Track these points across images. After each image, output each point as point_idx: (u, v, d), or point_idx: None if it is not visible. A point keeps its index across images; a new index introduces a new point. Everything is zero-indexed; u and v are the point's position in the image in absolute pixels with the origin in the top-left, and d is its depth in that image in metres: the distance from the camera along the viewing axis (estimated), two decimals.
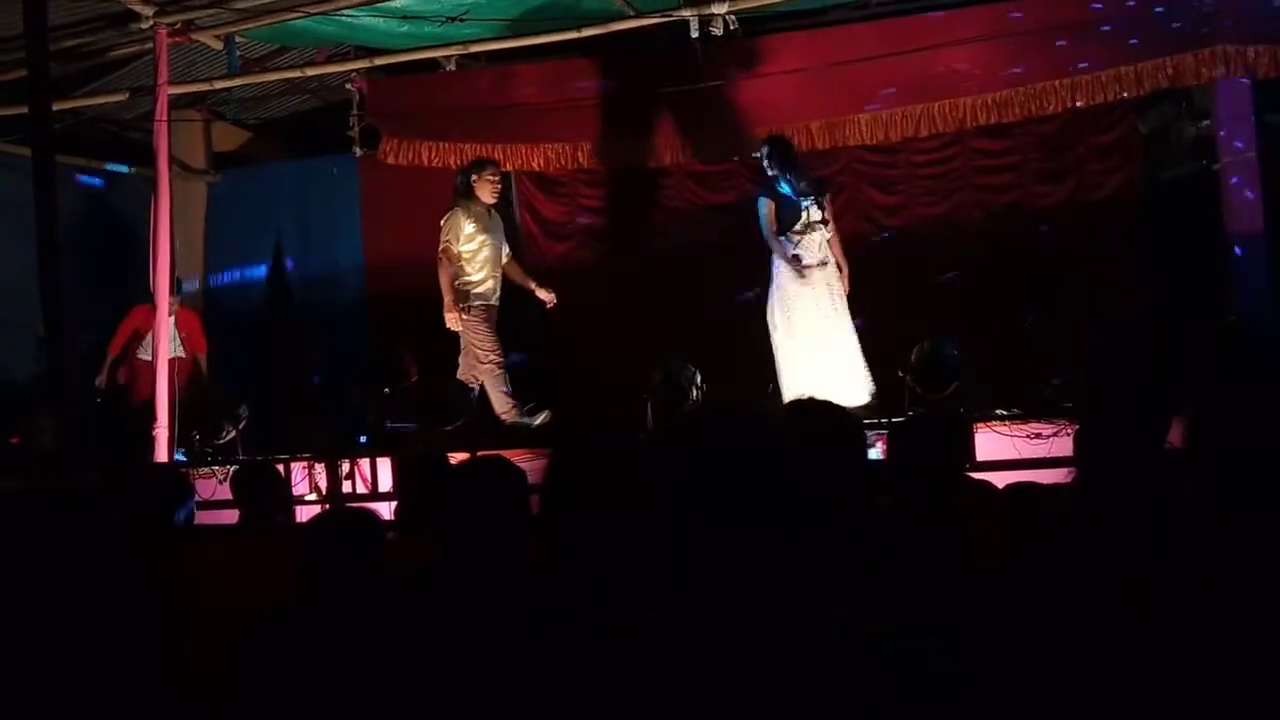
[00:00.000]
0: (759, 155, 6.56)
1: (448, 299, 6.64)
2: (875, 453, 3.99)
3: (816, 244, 6.31)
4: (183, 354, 7.94)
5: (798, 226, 6.28)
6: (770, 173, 6.39)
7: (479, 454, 2.09)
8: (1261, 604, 1.27)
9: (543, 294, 6.92)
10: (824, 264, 6.33)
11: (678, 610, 1.16)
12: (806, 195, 6.29)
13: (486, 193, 6.76)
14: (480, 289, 6.75)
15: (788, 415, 2.24)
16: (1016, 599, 1.71)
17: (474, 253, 6.72)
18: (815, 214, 6.27)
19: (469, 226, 6.70)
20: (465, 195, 6.76)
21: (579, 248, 8.78)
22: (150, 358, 7.42)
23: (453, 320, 6.66)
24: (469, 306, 6.68)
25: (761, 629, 1.14)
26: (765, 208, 6.32)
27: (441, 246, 6.69)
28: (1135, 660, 1.27)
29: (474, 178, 6.77)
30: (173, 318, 7.77)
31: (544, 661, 1.23)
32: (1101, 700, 1.29)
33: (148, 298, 7.51)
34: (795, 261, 6.27)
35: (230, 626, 2.86)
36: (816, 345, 6.28)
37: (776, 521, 1.17)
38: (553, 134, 8.04)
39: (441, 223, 6.75)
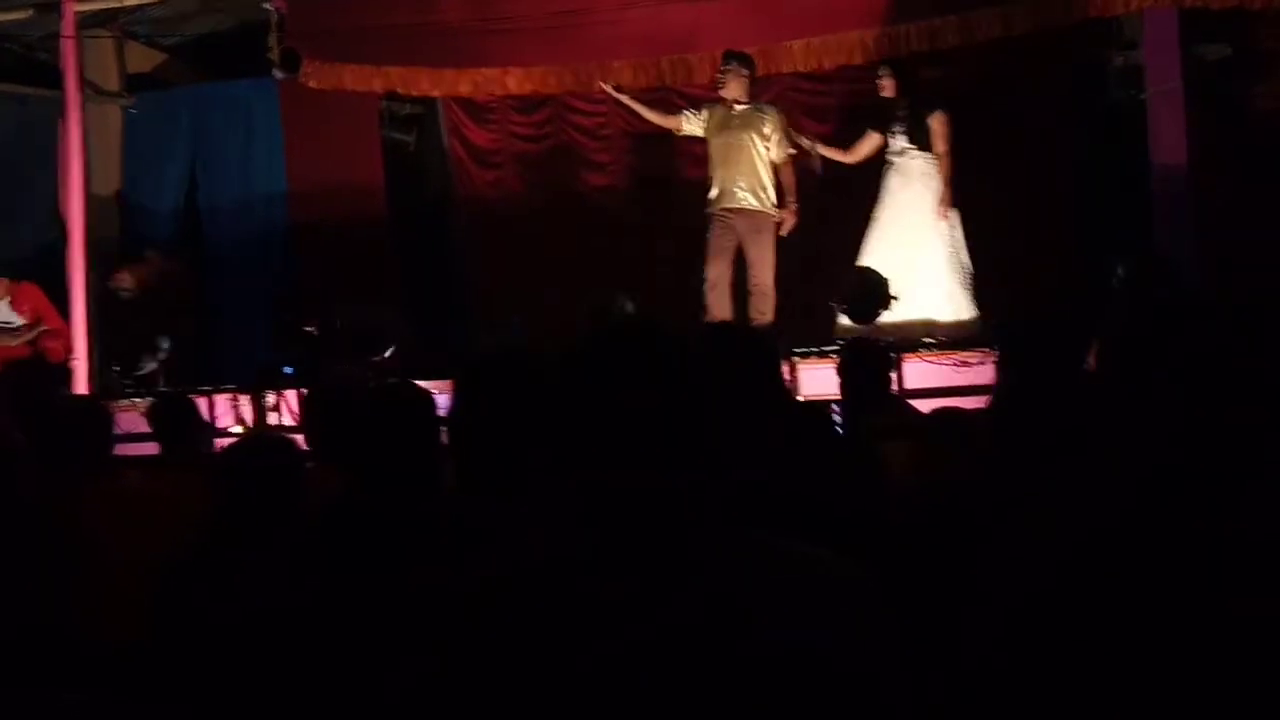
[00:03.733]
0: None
1: None
2: None
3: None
4: (27, 334, 7.16)
5: None
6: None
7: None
8: (1157, 533, 1.27)
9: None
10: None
11: (580, 527, 1.15)
12: None
13: (731, 88, 6.52)
14: (710, 194, 6.55)
15: (704, 335, 2.23)
16: (926, 521, 1.73)
17: (711, 155, 6.58)
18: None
19: (697, 125, 6.62)
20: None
21: (510, 176, 8.64)
22: None
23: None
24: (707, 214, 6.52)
25: (663, 541, 1.13)
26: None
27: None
28: (1031, 594, 1.27)
29: (720, 74, 6.58)
30: (7, 299, 7.16)
31: (447, 593, 1.22)
32: (996, 633, 1.29)
33: None
34: None
35: (149, 559, 2.81)
36: None
37: (679, 433, 1.17)
38: (480, 58, 7.83)
39: None
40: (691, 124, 6.74)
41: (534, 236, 8.32)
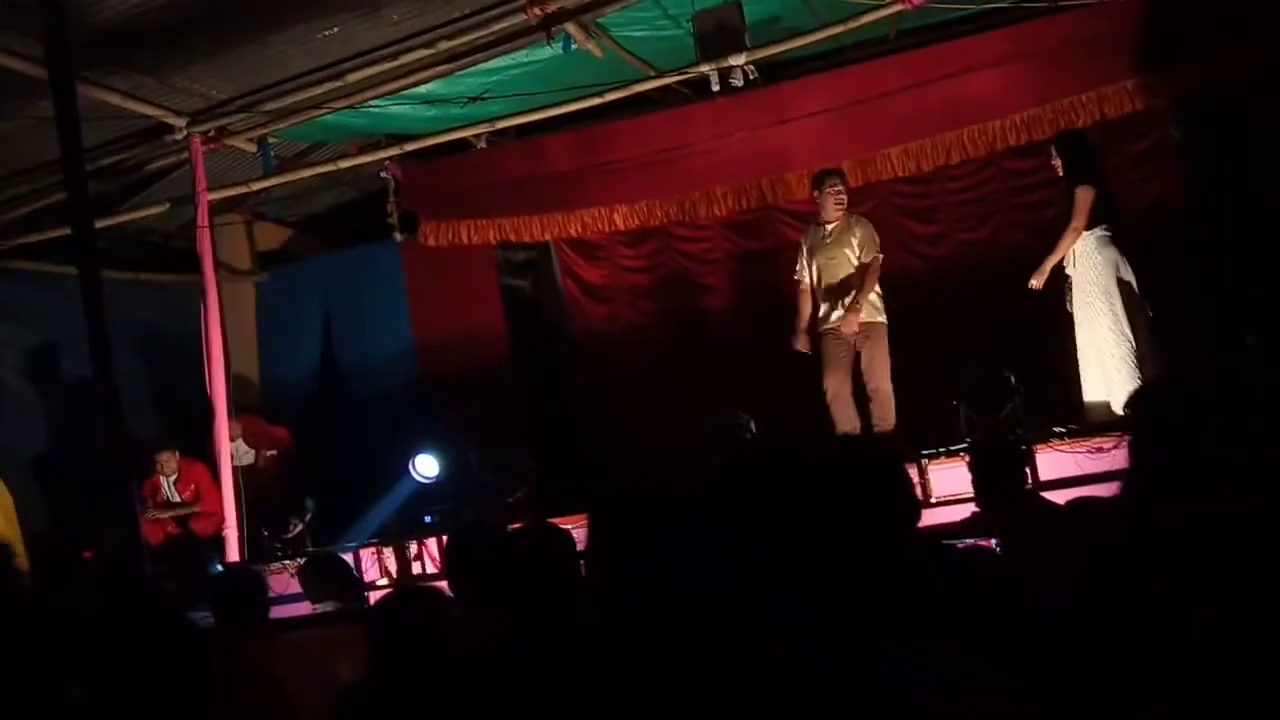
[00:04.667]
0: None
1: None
2: None
3: None
4: (181, 511, 7.78)
5: None
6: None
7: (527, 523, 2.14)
8: None
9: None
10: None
11: (728, 644, 1.18)
12: None
13: (826, 208, 6.67)
14: (819, 312, 6.66)
15: (837, 455, 2.24)
16: (1063, 626, 1.67)
17: (814, 278, 6.71)
18: None
19: (804, 251, 6.75)
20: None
21: (623, 308, 8.86)
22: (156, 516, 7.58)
23: (801, 343, 6.62)
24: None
25: (812, 656, 1.15)
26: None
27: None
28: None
29: (815, 195, 6.75)
30: (174, 476, 7.77)
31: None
32: None
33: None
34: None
35: (310, 710, 2.91)
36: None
37: (822, 554, 1.20)
38: (586, 199, 8.14)
39: None
40: (804, 275, 6.78)
41: (651, 363, 8.47)
